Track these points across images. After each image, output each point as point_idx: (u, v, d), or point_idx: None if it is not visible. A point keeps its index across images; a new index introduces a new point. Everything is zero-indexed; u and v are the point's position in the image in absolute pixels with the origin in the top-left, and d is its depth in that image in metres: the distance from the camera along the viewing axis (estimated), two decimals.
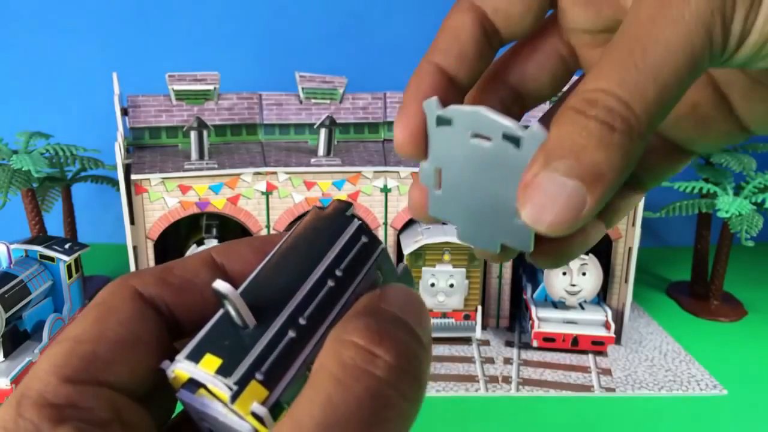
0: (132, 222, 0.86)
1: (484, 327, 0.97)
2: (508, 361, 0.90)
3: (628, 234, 0.92)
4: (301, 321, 0.15)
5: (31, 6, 1.17)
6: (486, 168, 0.17)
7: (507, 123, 0.16)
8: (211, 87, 0.94)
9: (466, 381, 0.85)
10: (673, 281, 1.19)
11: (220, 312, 0.15)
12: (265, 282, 0.15)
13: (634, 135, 0.14)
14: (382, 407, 0.13)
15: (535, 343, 0.91)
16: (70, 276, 0.91)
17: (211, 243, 0.91)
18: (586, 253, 0.91)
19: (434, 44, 0.19)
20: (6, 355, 0.83)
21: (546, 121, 0.20)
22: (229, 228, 0.97)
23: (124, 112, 0.92)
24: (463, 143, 0.17)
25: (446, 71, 0.19)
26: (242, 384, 0.13)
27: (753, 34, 0.15)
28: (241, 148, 0.96)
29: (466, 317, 0.93)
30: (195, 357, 0.14)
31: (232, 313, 0.14)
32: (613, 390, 0.83)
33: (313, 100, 0.98)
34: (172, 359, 0.15)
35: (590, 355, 0.91)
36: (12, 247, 0.88)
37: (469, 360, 0.90)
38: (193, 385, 0.14)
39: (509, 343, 0.95)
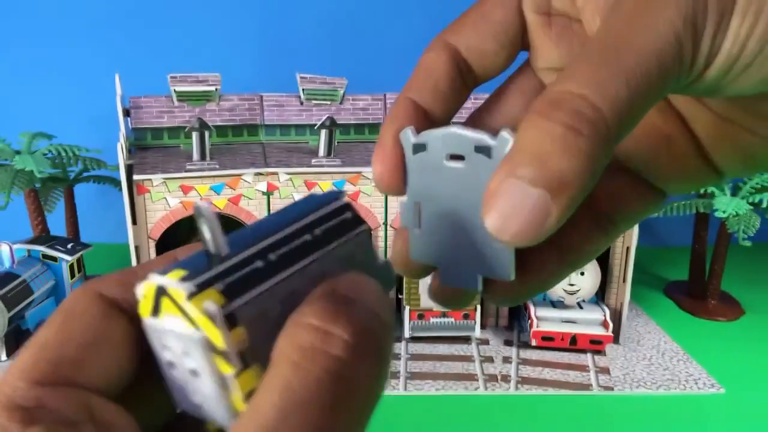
0: (134, 222, 0.86)
1: (483, 326, 0.97)
2: (507, 359, 0.91)
3: (626, 234, 0.93)
4: (271, 257, 0.15)
5: (34, 7, 1.17)
6: (463, 191, 0.17)
7: (476, 135, 0.16)
8: (212, 88, 0.94)
9: (466, 380, 0.85)
10: (670, 281, 1.20)
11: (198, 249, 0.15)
12: (246, 228, 0.16)
13: (602, 140, 0.14)
14: (343, 388, 0.13)
15: (533, 342, 0.92)
16: (72, 275, 0.91)
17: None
18: None
19: (410, 81, 0.19)
20: (9, 355, 0.84)
21: None
22: (231, 228, 0.97)
23: (126, 112, 0.93)
24: (440, 168, 0.17)
25: (421, 106, 0.19)
26: (200, 288, 0.13)
27: (720, 54, 0.15)
28: (243, 149, 0.96)
29: (466, 316, 0.93)
30: (163, 272, 0.14)
31: (206, 235, 0.14)
32: (612, 389, 0.84)
33: (314, 101, 0.99)
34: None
35: (589, 354, 0.92)
36: (15, 246, 0.88)
37: (468, 359, 0.91)
38: (155, 312, 0.14)
39: (508, 342, 0.96)
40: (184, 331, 0.13)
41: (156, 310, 0.14)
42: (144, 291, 0.14)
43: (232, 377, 0.13)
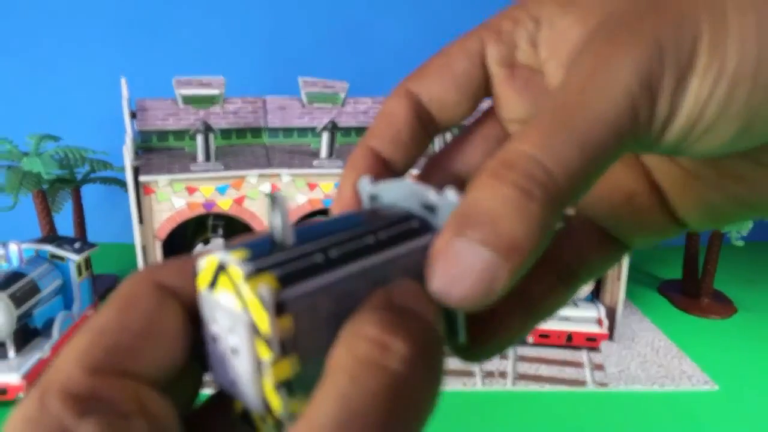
0: (141, 222, 0.86)
1: None
2: (504, 356, 0.91)
3: None
4: (332, 253, 0.15)
5: (42, 11, 1.18)
6: None
7: (423, 190, 0.16)
8: (216, 91, 0.95)
9: (464, 376, 0.86)
10: (664, 279, 1.20)
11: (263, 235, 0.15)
12: (315, 224, 0.16)
13: (554, 205, 0.13)
14: (398, 401, 0.13)
15: (530, 339, 0.92)
16: (79, 274, 0.92)
17: (217, 242, 0.92)
18: None
19: (371, 128, 0.19)
20: (17, 352, 0.85)
21: None
22: (235, 228, 0.98)
23: (133, 115, 0.93)
24: None
25: (381, 155, 0.19)
26: (258, 271, 0.13)
27: (679, 117, 0.14)
28: (246, 151, 0.97)
29: None
30: (228, 249, 0.14)
31: (276, 223, 0.14)
32: (606, 385, 0.84)
33: (316, 105, 0.99)
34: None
35: (584, 351, 0.93)
36: (23, 246, 0.88)
37: None
38: (212, 285, 0.14)
39: None
40: (234, 309, 0.14)
41: (212, 284, 0.14)
42: (206, 263, 0.14)
43: (269, 363, 0.13)
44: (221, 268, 0.14)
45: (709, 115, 0.14)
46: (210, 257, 0.14)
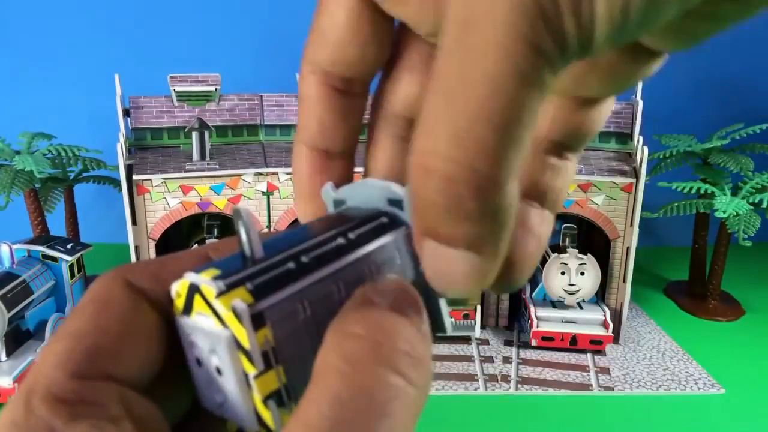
0: (134, 222, 0.86)
1: (483, 326, 0.97)
2: (507, 360, 0.91)
3: (626, 234, 0.93)
4: (303, 259, 0.15)
5: (33, 7, 1.17)
6: None
7: (386, 186, 0.16)
8: (212, 88, 0.94)
9: (466, 380, 0.85)
10: (671, 281, 1.19)
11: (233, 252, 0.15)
12: (282, 233, 0.16)
13: (490, 195, 0.12)
14: (392, 397, 0.13)
15: (533, 342, 0.92)
16: (72, 276, 0.91)
17: (212, 243, 0.92)
18: (585, 253, 0.92)
19: (298, 122, 0.18)
20: (8, 355, 0.84)
21: None
22: (231, 228, 0.97)
23: (126, 113, 0.93)
24: None
25: (317, 147, 0.18)
26: (230, 287, 0.13)
27: (598, 26, 0.12)
28: (242, 149, 0.96)
29: (466, 316, 0.93)
30: (198, 270, 0.14)
31: (243, 237, 0.14)
32: (612, 389, 0.84)
33: None
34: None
35: (589, 354, 0.92)
36: (15, 247, 0.88)
37: (468, 359, 0.91)
38: (187, 310, 0.14)
39: (508, 342, 0.96)
40: (212, 329, 0.14)
41: (188, 308, 0.14)
42: (178, 288, 0.14)
43: (254, 377, 0.13)
44: (194, 290, 0.14)
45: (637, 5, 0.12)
46: (181, 282, 0.14)
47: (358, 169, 0.20)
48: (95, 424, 0.12)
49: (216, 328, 0.13)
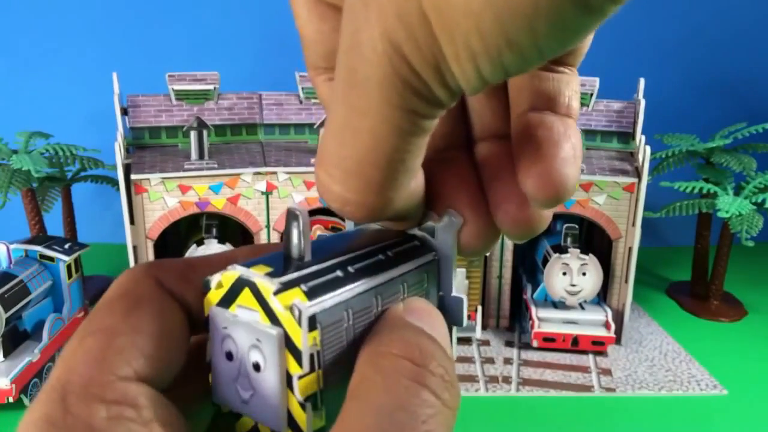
0: (132, 222, 0.86)
1: (484, 327, 0.97)
2: (508, 361, 0.90)
3: (629, 234, 0.92)
4: (350, 269, 0.15)
5: (31, 6, 1.17)
6: None
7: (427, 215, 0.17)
8: (211, 87, 0.94)
9: (467, 381, 0.85)
10: (673, 281, 1.19)
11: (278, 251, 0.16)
12: (322, 240, 0.17)
13: (379, 213, 0.14)
14: (431, 416, 0.13)
15: (535, 343, 0.91)
16: (69, 276, 0.91)
17: (211, 243, 0.91)
18: (586, 253, 0.91)
19: (303, 50, 0.18)
20: (6, 355, 0.83)
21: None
22: (229, 228, 0.97)
23: (124, 111, 0.92)
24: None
25: (330, 66, 0.17)
26: (287, 286, 0.14)
27: (468, 85, 0.12)
28: (241, 148, 0.96)
29: (467, 317, 0.92)
30: (247, 264, 0.14)
31: (294, 239, 0.15)
32: (614, 390, 0.83)
33: (313, 100, 0.98)
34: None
35: (590, 355, 0.91)
36: (12, 247, 0.88)
37: (469, 360, 0.90)
38: (226, 302, 0.14)
39: (509, 343, 0.95)
40: (258, 325, 0.14)
41: (228, 301, 0.14)
42: (222, 279, 0.14)
43: (297, 378, 0.14)
44: (243, 284, 0.14)
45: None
46: (227, 273, 0.14)
47: None
48: (131, 427, 0.12)
49: (263, 323, 0.14)
